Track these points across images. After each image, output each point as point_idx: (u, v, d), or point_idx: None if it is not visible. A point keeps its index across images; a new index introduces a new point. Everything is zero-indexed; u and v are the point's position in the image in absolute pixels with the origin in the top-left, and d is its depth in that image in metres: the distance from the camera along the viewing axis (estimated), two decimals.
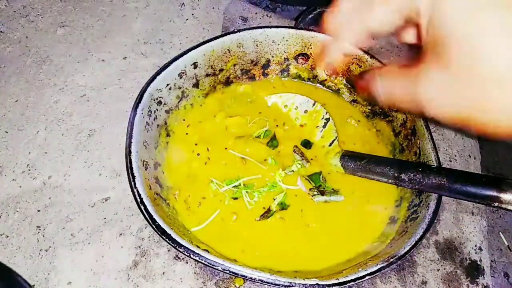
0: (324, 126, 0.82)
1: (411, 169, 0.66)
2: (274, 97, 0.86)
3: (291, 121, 0.84)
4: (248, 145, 0.77)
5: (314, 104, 0.84)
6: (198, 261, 0.59)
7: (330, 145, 0.80)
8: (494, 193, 0.54)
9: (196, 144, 0.77)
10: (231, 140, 0.78)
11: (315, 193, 0.74)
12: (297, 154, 0.78)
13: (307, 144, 0.81)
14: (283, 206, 0.72)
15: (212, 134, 0.78)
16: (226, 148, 0.77)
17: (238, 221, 0.70)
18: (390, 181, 0.68)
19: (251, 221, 0.70)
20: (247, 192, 0.72)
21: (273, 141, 0.79)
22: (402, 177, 0.66)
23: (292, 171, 0.76)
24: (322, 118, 0.83)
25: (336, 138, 0.80)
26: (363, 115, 0.86)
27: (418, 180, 0.64)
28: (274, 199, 0.72)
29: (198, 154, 0.76)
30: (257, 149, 0.77)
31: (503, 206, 0.53)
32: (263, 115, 0.83)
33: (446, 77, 0.34)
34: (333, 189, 0.75)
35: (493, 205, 0.54)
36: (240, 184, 0.72)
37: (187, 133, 0.78)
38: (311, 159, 0.79)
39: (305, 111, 0.84)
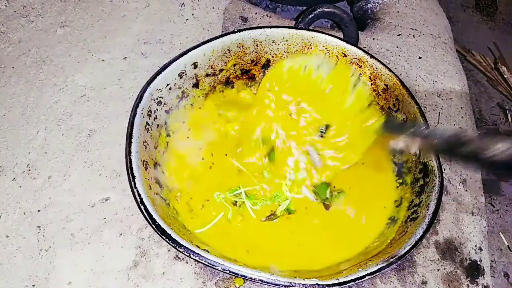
0: (355, 86, 0.69)
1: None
2: (288, 61, 0.75)
3: (312, 92, 0.70)
4: (246, 155, 0.77)
5: (337, 63, 0.72)
6: (198, 261, 0.59)
7: (368, 106, 0.68)
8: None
9: (200, 148, 0.77)
10: (231, 147, 0.77)
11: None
12: (313, 154, 0.73)
13: (326, 128, 0.72)
14: (289, 211, 0.72)
15: (214, 139, 0.78)
16: (226, 155, 0.76)
17: (243, 222, 0.71)
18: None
19: (257, 222, 0.71)
20: (250, 201, 0.71)
21: (271, 154, 0.77)
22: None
23: (296, 179, 0.75)
24: (352, 76, 0.70)
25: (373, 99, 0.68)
26: None
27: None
28: (280, 205, 0.72)
29: (203, 158, 0.76)
30: (255, 160, 0.76)
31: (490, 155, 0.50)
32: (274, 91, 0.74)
33: None
34: (337, 192, 0.75)
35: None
36: (241, 194, 0.71)
37: (188, 137, 0.78)
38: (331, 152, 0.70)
39: (328, 71, 0.71)
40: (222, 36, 0.80)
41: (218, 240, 0.68)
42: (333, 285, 0.58)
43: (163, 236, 0.59)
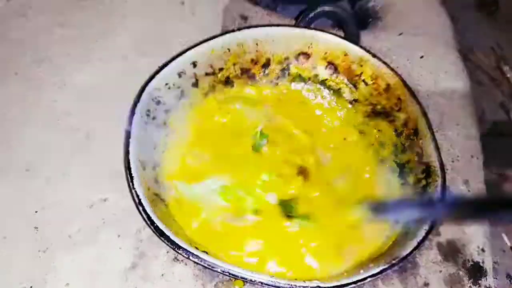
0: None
1: None
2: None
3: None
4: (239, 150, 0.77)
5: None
6: (197, 263, 0.58)
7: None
8: None
9: (197, 148, 0.76)
10: (228, 141, 0.77)
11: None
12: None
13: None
14: (256, 211, 0.71)
15: (211, 136, 0.78)
16: (224, 153, 0.76)
17: (242, 223, 0.70)
18: None
19: (257, 223, 0.70)
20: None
21: (259, 141, 0.76)
22: None
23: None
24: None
25: None
26: (364, 115, 0.85)
27: None
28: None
29: (201, 158, 0.75)
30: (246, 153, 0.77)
31: None
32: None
33: None
34: (302, 218, 0.72)
35: None
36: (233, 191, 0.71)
37: (188, 137, 0.77)
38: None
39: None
40: (221, 35, 0.79)
41: (218, 241, 0.67)
42: (334, 287, 0.58)
43: (161, 238, 0.58)
